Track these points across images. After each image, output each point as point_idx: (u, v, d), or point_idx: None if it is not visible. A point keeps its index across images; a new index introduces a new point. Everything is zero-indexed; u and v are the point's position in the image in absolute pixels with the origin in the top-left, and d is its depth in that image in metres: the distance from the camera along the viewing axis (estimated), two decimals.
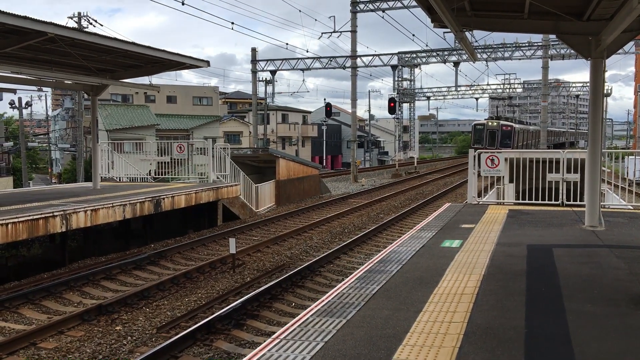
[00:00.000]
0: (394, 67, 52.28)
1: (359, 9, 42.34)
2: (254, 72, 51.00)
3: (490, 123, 52.96)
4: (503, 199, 17.19)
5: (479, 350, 5.31)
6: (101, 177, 22.90)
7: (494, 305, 6.66)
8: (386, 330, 5.80)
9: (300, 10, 70.67)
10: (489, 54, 50.10)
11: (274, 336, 5.68)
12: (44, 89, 61.40)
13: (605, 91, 12.28)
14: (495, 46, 50.16)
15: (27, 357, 9.28)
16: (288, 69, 49.73)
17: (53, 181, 59.95)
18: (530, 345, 5.43)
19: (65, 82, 20.39)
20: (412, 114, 79.86)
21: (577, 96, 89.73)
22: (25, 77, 17.67)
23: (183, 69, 20.12)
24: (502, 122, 52.95)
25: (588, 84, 12.68)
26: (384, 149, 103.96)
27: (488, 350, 5.29)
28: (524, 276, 8.00)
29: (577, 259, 9.06)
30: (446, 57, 51.06)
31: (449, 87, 77.94)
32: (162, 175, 25.52)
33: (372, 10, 41.63)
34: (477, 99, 78.12)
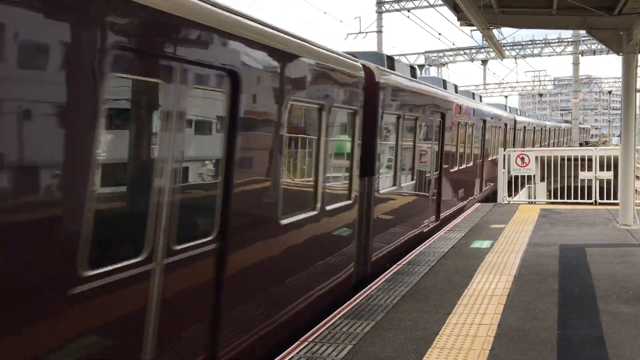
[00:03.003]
0: (420, 67, 51.96)
1: (384, 9, 42.17)
2: None
3: None
4: (534, 198, 16.92)
5: (510, 352, 5.22)
6: None
7: (526, 306, 6.54)
8: (415, 333, 5.74)
9: (325, 12, 70.90)
10: (517, 51, 49.46)
11: (302, 338, 5.67)
12: None
13: (638, 86, 12.01)
14: (524, 43, 49.50)
15: None
16: None
17: None
18: (563, 347, 5.32)
19: None
20: None
21: (610, 92, 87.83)
22: None
23: None
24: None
25: (620, 80, 12.40)
26: None
27: (520, 353, 5.20)
28: (556, 277, 7.85)
29: (611, 259, 8.87)
30: (474, 55, 50.54)
31: (477, 86, 77.14)
32: None
33: (397, 10, 41.41)
34: (506, 96, 77.12)
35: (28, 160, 2.92)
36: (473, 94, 20.24)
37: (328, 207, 6.87)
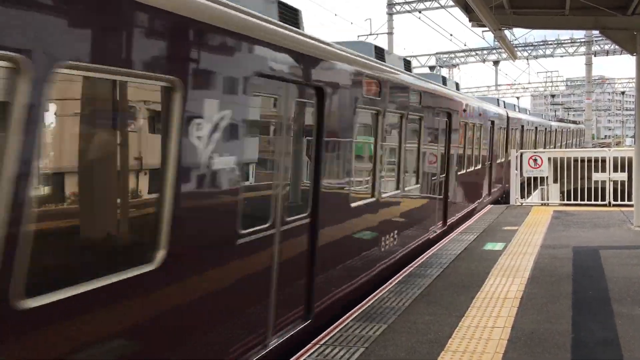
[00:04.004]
0: (432, 68, 51.83)
1: (395, 10, 42.13)
2: None
3: None
4: (547, 200, 16.80)
5: (524, 355, 5.17)
6: None
7: (539, 309, 6.49)
8: (427, 336, 5.71)
9: (335, 14, 70.93)
10: (529, 51, 49.22)
11: (314, 341, 5.65)
12: None
13: None
14: (536, 43, 49.26)
15: None
16: None
17: None
18: (578, 351, 5.27)
19: None
20: None
21: (623, 93, 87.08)
22: None
23: None
24: None
25: (634, 80, 12.30)
26: None
27: (533, 356, 5.15)
28: (570, 279, 7.78)
29: (625, 261, 8.78)
30: (485, 56, 50.37)
31: (488, 87, 76.81)
32: None
33: (408, 12, 41.36)
34: (518, 98, 76.71)
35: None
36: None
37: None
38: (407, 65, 10.17)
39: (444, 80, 13.51)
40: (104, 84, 3.42)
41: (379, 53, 8.82)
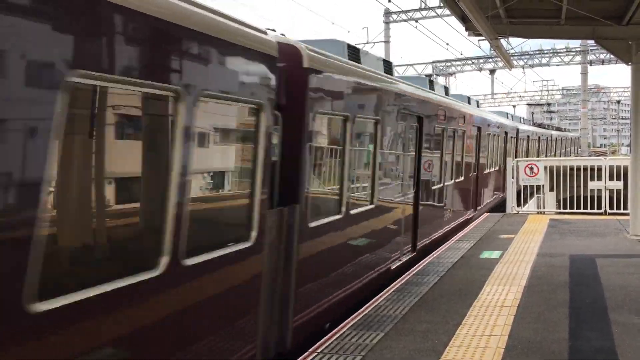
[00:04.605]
0: (428, 76, 51.98)
1: (391, 19, 42.24)
2: None
3: None
4: (543, 208, 16.83)
5: None
6: None
7: (536, 317, 6.49)
8: (425, 344, 5.70)
9: (333, 23, 71.09)
10: (525, 60, 49.40)
11: (310, 350, 5.64)
12: None
13: None
14: (532, 53, 49.44)
15: None
16: None
17: None
18: (575, 359, 5.27)
19: None
20: None
21: (619, 102, 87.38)
22: None
23: None
24: None
25: (629, 89, 12.37)
26: None
27: None
28: (567, 287, 7.79)
29: (622, 270, 8.80)
30: (482, 65, 50.57)
31: (485, 95, 77.05)
32: None
33: (405, 21, 41.47)
34: (514, 106, 76.95)
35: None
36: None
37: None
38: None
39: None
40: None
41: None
